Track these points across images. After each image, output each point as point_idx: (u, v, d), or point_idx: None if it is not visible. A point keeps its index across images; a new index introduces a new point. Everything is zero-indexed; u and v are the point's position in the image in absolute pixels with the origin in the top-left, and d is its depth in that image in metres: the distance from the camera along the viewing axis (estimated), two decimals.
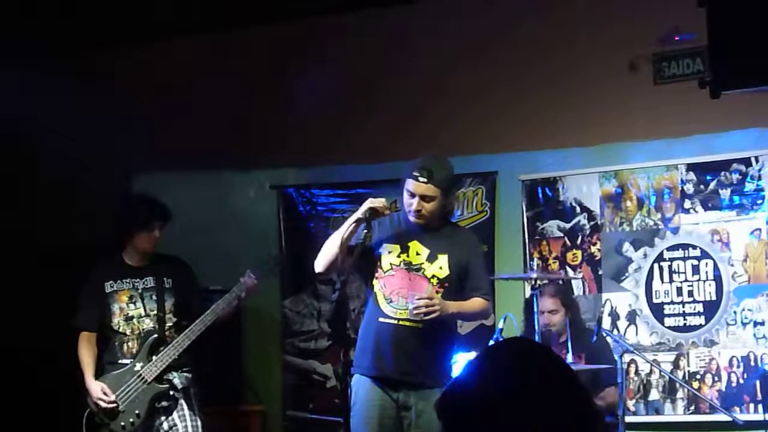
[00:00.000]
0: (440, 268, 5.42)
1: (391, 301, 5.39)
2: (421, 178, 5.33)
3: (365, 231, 5.28)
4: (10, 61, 7.45)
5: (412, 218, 5.42)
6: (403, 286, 5.39)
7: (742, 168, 6.92)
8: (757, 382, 6.80)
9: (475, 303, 5.47)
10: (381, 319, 5.39)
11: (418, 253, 5.43)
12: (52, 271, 7.57)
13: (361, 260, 5.45)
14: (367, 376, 5.38)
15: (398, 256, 5.43)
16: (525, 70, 7.54)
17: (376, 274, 5.46)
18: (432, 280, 5.41)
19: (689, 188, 7.05)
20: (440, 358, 5.43)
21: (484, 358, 2.15)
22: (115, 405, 6.11)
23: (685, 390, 6.93)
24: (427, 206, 5.37)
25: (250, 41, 8.25)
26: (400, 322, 5.35)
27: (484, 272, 5.70)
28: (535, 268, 7.26)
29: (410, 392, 5.33)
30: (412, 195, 5.37)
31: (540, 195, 7.46)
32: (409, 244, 5.44)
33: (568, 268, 7.32)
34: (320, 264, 5.47)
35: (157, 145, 8.16)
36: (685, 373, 6.96)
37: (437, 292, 5.38)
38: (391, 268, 5.43)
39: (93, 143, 7.82)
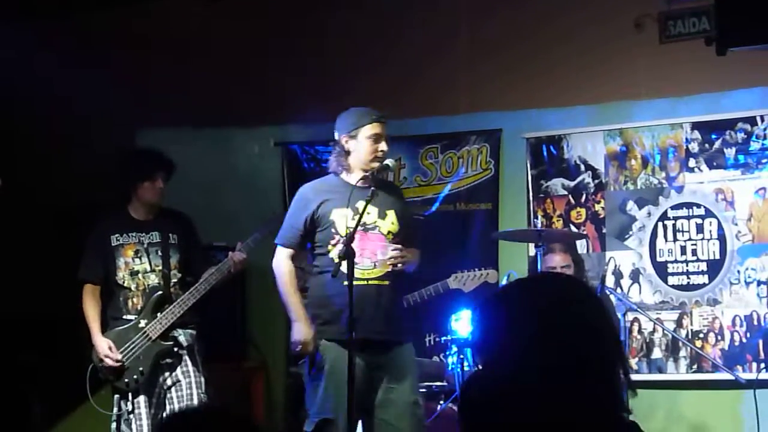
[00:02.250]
0: (392, 223, 5.49)
1: (356, 264, 5.27)
2: (383, 119, 5.45)
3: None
4: (7, 19, 7.40)
5: (375, 165, 5.43)
6: (365, 247, 5.38)
7: (747, 127, 6.90)
8: (760, 341, 6.82)
9: (416, 254, 5.58)
10: (346, 283, 5.15)
11: (368, 213, 5.39)
12: (54, 231, 7.56)
13: (309, 234, 5.49)
14: (335, 341, 5.34)
15: (352, 219, 5.33)
16: (530, 28, 7.52)
17: (332, 241, 5.41)
18: (388, 236, 5.46)
19: (694, 147, 7.03)
20: (403, 313, 5.63)
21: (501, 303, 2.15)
22: (120, 363, 6.09)
23: (688, 349, 6.95)
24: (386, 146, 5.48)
25: None
26: (370, 282, 5.36)
27: (416, 223, 5.93)
28: (539, 225, 7.25)
29: (380, 351, 5.35)
30: (378, 138, 5.43)
31: (545, 153, 7.44)
32: (357, 205, 5.37)
33: (572, 226, 7.32)
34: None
35: (161, 102, 8.13)
36: (688, 331, 6.97)
37: None
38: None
39: (94, 102, 7.79)
